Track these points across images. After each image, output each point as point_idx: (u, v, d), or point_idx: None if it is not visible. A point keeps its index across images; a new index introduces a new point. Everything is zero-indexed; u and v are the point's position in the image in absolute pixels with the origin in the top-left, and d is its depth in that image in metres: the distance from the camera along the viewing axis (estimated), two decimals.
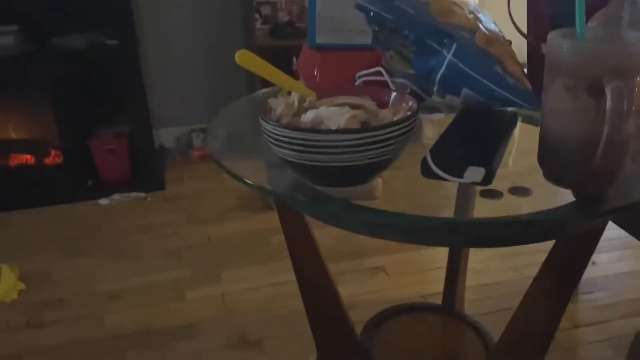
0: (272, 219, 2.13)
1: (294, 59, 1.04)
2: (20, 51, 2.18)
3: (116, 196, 2.36)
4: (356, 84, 0.78)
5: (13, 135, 2.41)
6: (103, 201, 2.33)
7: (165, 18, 2.65)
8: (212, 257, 1.91)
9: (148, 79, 2.43)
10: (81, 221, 2.20)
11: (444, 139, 0.65)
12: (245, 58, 0.68)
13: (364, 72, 0.78)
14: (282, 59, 2.40)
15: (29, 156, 2.37)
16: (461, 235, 0.66)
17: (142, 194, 2.39)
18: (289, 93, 0.65)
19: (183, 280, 1.78)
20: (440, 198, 0.66)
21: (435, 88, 0.68)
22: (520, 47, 0.82)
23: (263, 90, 1.03)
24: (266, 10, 2.71)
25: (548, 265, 0.74)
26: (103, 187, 2.38)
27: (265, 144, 0.63)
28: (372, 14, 0.67)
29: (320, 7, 0.86)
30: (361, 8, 0.68)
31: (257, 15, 2.65)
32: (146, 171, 2.45)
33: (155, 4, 2.59)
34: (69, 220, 2.21)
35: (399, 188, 0.69)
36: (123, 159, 2.43)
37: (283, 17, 2.71)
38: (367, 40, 0.87)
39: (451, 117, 0.70)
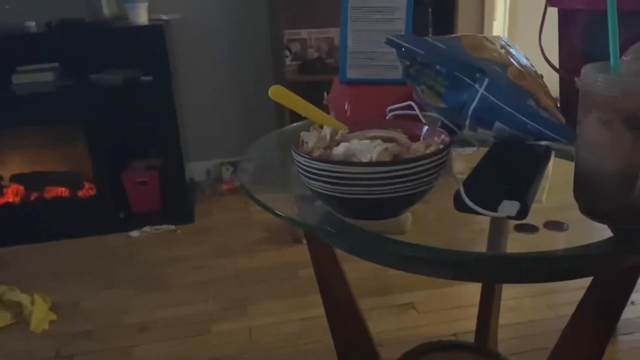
0: (299, 253, 2.13)
1: (325, 93, 1.06)
2: (59, 87, 2.26)
3: (147, 228, 2.39)
4: (387, 117, 0.79)
5: (49, 168, 2.47)
6: (134, 233, 2.36)
7: (199, 54, 2.72)
8: (239, 290, 1.91)
9: (180, 113, 2.49)
10: (112, 253, 2.23)
11: (477, 172, 0.64)
12: (278, 93, 0.69)
13: (395, 106, 0.78)
14: (312, 94, 2.43)
15: (63, 189, 2.43)
16: (494, 270, 0.65)
17: (172, 227, 2.41)
18: (321, 127, 0.66)
19: (210, 314, 1.78)
20: (471, 232, 0.66)
21: (467, 121, 0.68)
22: (552, 81, 0.82)
23: (294, 125, 1.04)
24: (296, 47, 2.76)
25: (585, 304, 0.72)
26: (134, 219, 2.42)
27: (296, 176, 0.64)
28: (403, 49, 0.68)
29: (351, 43, 0.88)
30: (392, 44, 0.69)
31: (286, 52, 2.71)
32: (176, 204, 2.48)
33: (189, 41, 2.67)
34: (100, 252, 2.24)
35: (429, 221, 0.69)
36: (154, 191, 2.47)
37: (312, 53, 2.76)
38: (398, 75, 0.88)
39: (483, 150, 0.70)
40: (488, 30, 2.94)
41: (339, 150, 0.60)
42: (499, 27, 3.03)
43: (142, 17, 2.26)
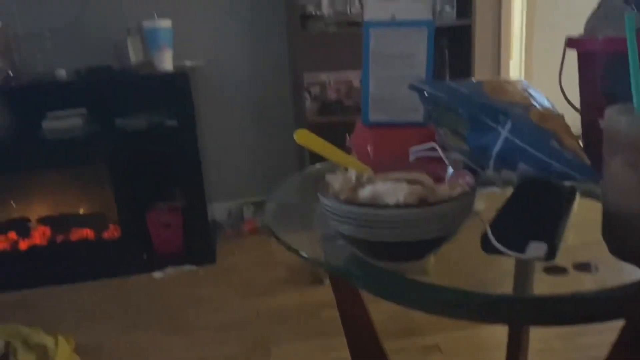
0: (321, 293, 2.11)
1: (347, 135, 1.08)
2: (86, 132, 2.33)
3: (169, 269, 2.40)
4: (410, 159, 0.80)
5: (76, 210, 2.52)
6: (157, 274, 2.37)
7: (221, 97, 2.79)
8: (262, 332, 1.90)
9: (202, 155, 2.53)
10: (135, 294, 2.24)
11: (503, 213, 0.64)
12: (303, 137, 0.71)
13: (418, 147, 0.79)
14: (332, 135, 2.46)
15: (89, 230, 2.47)
16: (522, 312, 0.64)
17: (194, 267, 2.42)
18: (346, 169, 0.67)
19: (233, 356, 1.77)
20: (496, 273, 0.65)
21: (490, 163, 0.69)
22: (572, 118, 0.82)
23: (317, 166, 1.06)
24: (315, 89, 2.82)
25: (617, 347, 0.70)
26: (157, 260, 2.44)
27: (321, 218, 0.64)
28: (426, 94, 0.69)
29: (373, 88, 0.90)
30: (415, 88, 0.70)
31: (306, 94, 2.76)
32: (199, 244, 2.50)
33: (212, 85, 2.73)
34: (124, 293, 2.25)
35: (453, 262, 0.69)
36: (177, 232, 2.49)
37: (331, 95, 2.81)
38: (419, 117, 0.90)
39: (507, 191, 0.70)
40: (505, 68, 2.97)
41: (365, 192, 0.61)
42: (515, 65, 3.05)
43: (167, 63, 2.33)
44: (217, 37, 2.70)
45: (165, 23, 2.31)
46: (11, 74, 2.29)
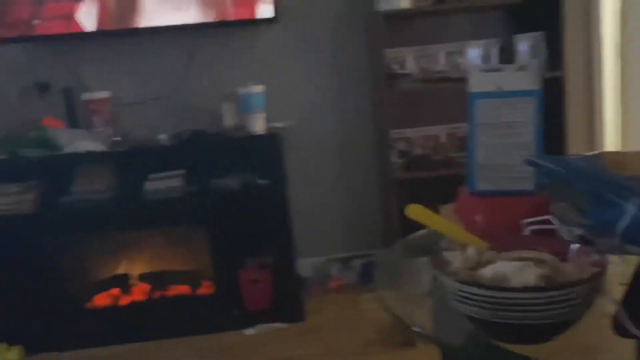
0: (414, 356, 2.05)
1: (452, 205, 1.06)
2: (185, 192, 2.45)
3: (259, 326, 2.43)
4: (524, 232, 0.78)
5: (173, 267, 2.64)
6: (248, 331, 2.41)
7: (308, 155, 2.85)
8: None
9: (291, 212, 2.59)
10: (228, 352, 2.28)
11: (634, 291, 0.61)
12: (416, 212, 0.72)
13: (533, 219, 0.78)
14: (419, 191, 2.44)
15: (185, 287, 2.56)
16: None
17: (284, 325, 2.44)
18: (464, 246, 0.67)
19: None
20: (627, 355, 0.62)
21: (615, 240, 0.66)
22: None
23: (420, 233, 1.05)
24: (401, 145, 2.82)
25: None
26: (248, 317, 2.47)
27: (432, 291, 0.64)
28: (542, 168, 0.68)
29: (480, 157, 0.90)
30: (531, 163, 0.70)
31: (392, 150, 2.77)
32: (288, 302, 2.52)
33: (300, 143, 2.80)
34: (217, 350, 2.30)
35: (580, 344, 0.65)
36: (267, 289, 2.53)
37: (418, 151, 2.81)
38: (528, 185, 0.88)
39: (631, 261, 0.67)
40: (598, 120, 2.85)
41: (487, 272, 0.61)
42: (609, 117, 2.92)
43: (259, 126, 2.44)
44: (305, 98, 2.80)
45: (258, 89, 2.44)
46: (118, 139, 2.48)
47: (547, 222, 0.78)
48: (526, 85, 0.87)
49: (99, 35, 2.53)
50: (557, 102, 2.47)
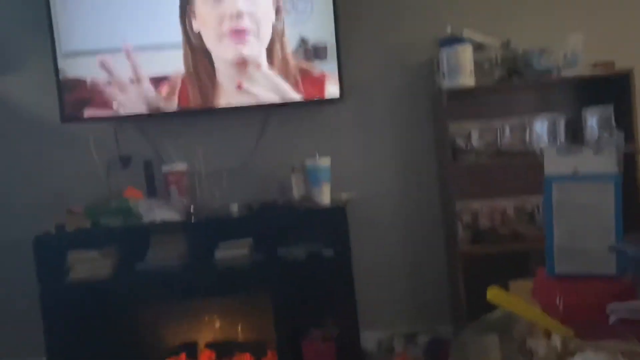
0: None
1: (522, 281, 1.06)
2: (252, 261, 2.51)
3: None
4: (610, 319, 0.77)
5: (238, 336, 2.66)
6: None
7: (372, 226, 2.87)
8: None
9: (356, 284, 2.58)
10: None
11: None
12: (497, 295, 0.73)
13: (619, 306, 0.76)
14: (486, 266, 2.39)
15: (249, 355, 2.57)
16: None
17: None
18: (548, 333, 0.67)
19: None
20: None
21: None
22: None
23: (495, 314, 1.04)
24: (467, 218, 2.80)
25: None
26: None
27: None
28: (630, 255, 0.68)
29: (558, 238, 0.90)
30: (617, 250, 0.70)
31: (458, 223, 2.75)
32: None
33: (365, 214, 2.83)
34: None
35: None
36: None
37: (485, 224, 2.77)
38: (609, 268, 0.87)
39: None
40: None
41: None
42: None
43: (325, 197, 2.51)
44: (370, 170, 2.86)
45: (325, 161, 2.52)
46: (193, 209, 2.59)
47: (635, 307, 0.77)
48: (604, 168, 0.88)
49: (179, 113, 2.71)
50: (628, 178, 2.40)
